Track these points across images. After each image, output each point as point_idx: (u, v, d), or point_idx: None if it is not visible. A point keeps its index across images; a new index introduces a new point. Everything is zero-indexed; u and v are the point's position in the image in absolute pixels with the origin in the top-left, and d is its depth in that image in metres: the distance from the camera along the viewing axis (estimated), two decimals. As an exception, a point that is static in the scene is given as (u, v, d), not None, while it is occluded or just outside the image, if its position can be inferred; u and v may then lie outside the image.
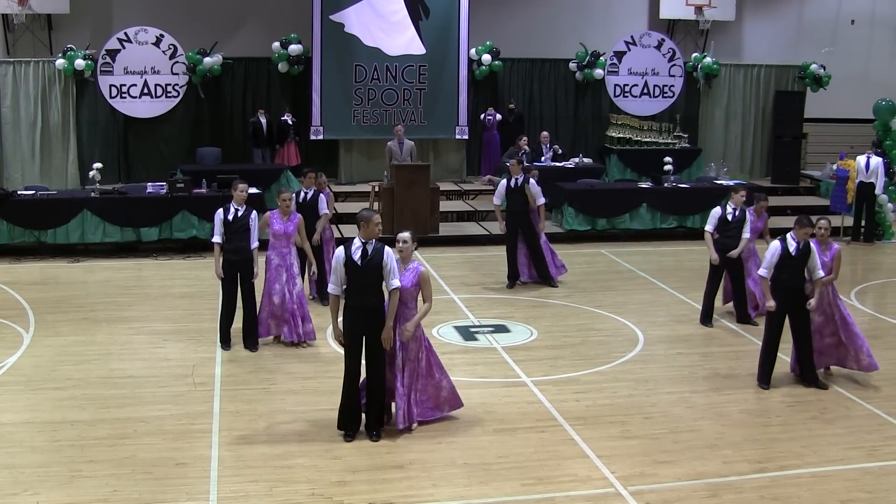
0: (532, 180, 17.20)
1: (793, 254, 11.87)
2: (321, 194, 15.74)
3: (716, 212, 14.86)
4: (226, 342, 13.45)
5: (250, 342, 13.47)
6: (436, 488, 9.25)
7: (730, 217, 14.71)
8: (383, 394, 10.54)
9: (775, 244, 12.02)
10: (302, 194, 15.65)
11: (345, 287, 10.35)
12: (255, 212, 13.67)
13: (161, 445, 10.12)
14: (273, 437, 10.43)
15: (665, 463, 9.91)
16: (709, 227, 14.80)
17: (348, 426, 10.45)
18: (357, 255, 10.21)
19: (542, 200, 17.18)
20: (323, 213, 15.52)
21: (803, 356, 12.23)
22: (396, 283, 10.30)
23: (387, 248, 10.33)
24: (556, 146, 24.65)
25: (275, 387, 12.02)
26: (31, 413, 11.05)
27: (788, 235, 12.00)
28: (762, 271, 12.14)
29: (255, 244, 13.43)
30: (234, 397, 11.58)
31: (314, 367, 12.75)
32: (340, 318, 10.48)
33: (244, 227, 13.36)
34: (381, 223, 10.48)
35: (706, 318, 15.06)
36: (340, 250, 10.30)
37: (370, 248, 10.25)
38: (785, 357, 12.48)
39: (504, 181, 17.38)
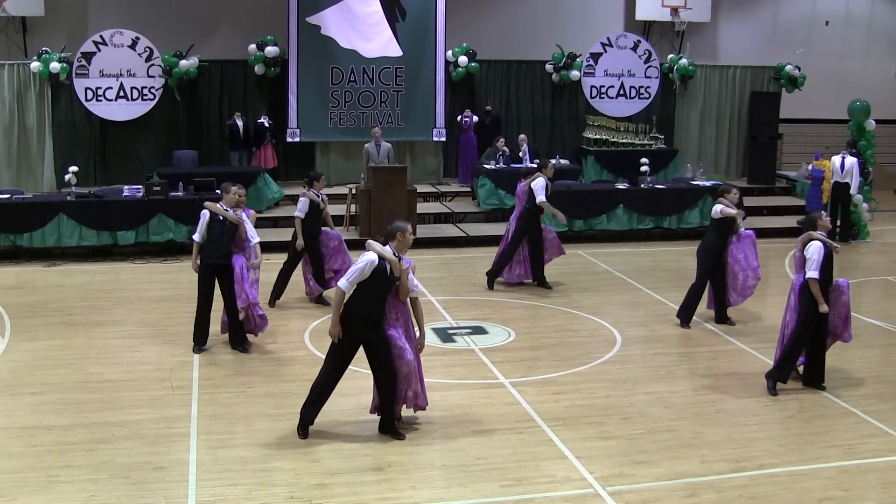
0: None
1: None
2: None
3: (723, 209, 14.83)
4: (199, 343, 13.44)
5: (237, 342, 13.46)
6: (415, 490, 9.24)
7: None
8: (395, 396, 10.51)
9: (818, 245, 11.75)
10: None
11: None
12: (246, 213, 13.78)
13: (139, 450, 10.08)
14: (251, 440, 10.40)
15: (644, 463, 9.93)
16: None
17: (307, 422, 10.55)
18: (389, 268, 10.16)
19: (541, 198, 17.11)
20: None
21: (819, 360, 12.26)
22: (419, 288, 10.46)
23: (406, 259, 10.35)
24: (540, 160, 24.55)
25: (253, 390, 11.99)
26: (7, 418, 10.98)
27: (820, 234, 11.94)
28: (814, 274, 11.70)
29: (255, 239, 13.55)
30: (211, 400, 11.56)
31: (292, 370, 12.73)
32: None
33: (229, 232, 13.27)
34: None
35: (688, 319, 15.07)
36: (374, 257, 10.09)
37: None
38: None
39: (545, 180, 17.12)
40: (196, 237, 13.36)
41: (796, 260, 12.05)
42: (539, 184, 16.97)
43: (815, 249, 11.74)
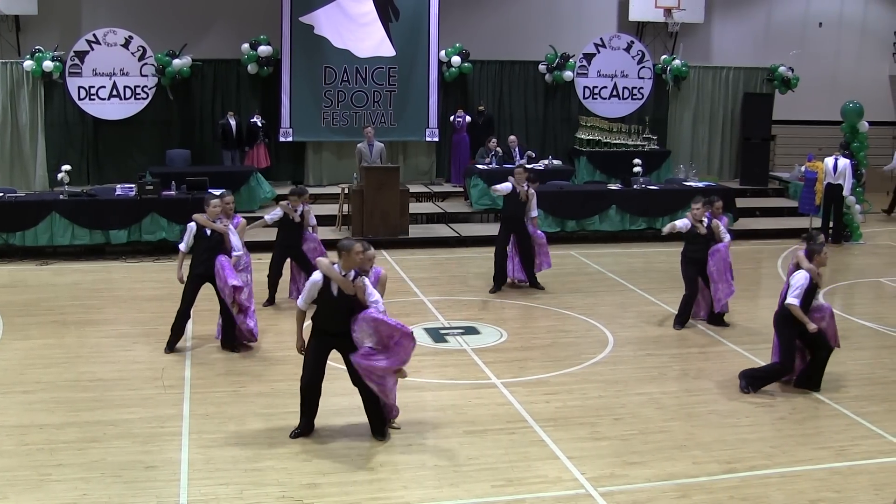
0: (532, 190, 17.16)
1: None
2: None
3: (683, 223, 14.89)
4: (171, 344, 13.42)
5: (228, 342, 13.46)
6: (406, 490, 9.24)
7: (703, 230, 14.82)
8: (376, 396, 10.47)
9: (804, 275, 11.80)
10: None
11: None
12: (235, 221, 13.77)
13: (131, 449, 10.07)
14: (243, 439, 10.40)
15: (635, 464, 9.94)
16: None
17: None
18: (334, 288, 10.14)
19: (534, 213, 17.21)
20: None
21: (818, 373, 12.30)
22: (379, 304, 10.26)
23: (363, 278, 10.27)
24: (530, 152, 24.57)
25: (244, 389, 11.99)
26: (-2, 417, 11.00)
27: (813, 266, 11.93)
28: (795, 301, 11.73)
29: (238, 251, 13.37)
30: (203, 400, 11.55)
31: (284, 370, 12.71)
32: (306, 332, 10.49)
33: (216, 244, 13.18)
34: (365, 252, 10.38)
35: (683, 323, 15.08)
36: (318, 277, 10.20)
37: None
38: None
39: (509, 184, 17.03)
40: (182, 247, 13.40)
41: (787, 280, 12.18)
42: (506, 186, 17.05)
43: (801, 277, 11.85)
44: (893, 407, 11.75)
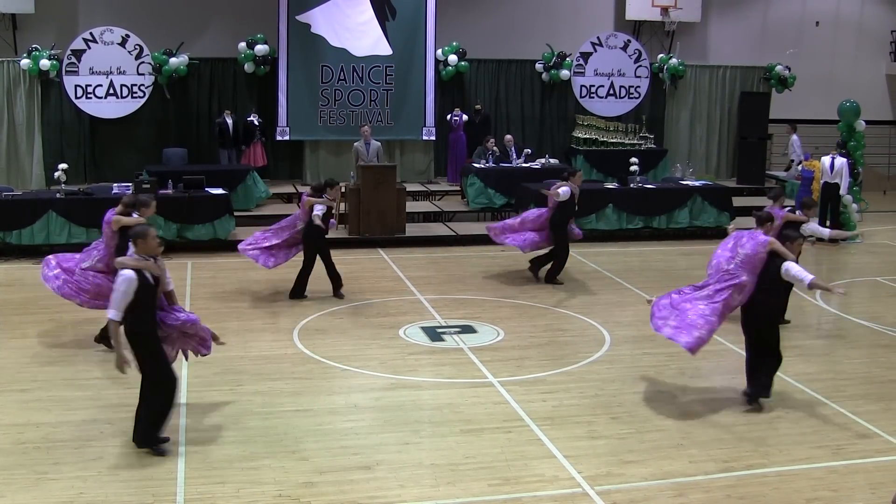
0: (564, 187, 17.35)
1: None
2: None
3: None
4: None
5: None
6: (403, 489, 9.24)
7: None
8: (161, 410, 10.12)
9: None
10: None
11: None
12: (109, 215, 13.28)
13: (127, 447, 10.05)
14: (240, 438, 10.39)
15: (632, 463, 9.94)
16: None
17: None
18: (149, 275, 9.79)
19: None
20: None
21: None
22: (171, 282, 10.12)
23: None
24: (527, 150, 24.56)
25: (241, 388, 11.97)
26: (-5, 415, 10.99)
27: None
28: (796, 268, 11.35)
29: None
30: (200, 398, 11.54)
31: (281, 368, 12.71)
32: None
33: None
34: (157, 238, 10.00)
35: None
36: (132, 274, 9.63)
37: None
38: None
39: (568, 189, 17.33)
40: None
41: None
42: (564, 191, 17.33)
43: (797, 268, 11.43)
44: (890, 406, 11.75)
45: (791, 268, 11.29)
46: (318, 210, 15.81)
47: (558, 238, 17.60)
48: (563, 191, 17.18)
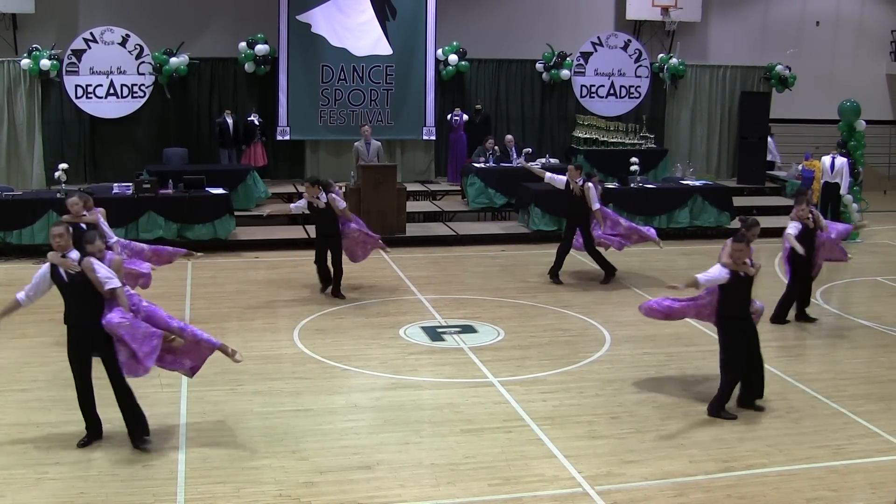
0: (590, 184, 17.39)
1: None
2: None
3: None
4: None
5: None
6: (403, 489, 9.24)
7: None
8: (133, 401, 10.25)
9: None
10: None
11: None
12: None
13: (128, 447, 10.06)
14: (240, 438, 10.39)
15: (632, 462, 9.94)
16: None
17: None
18: (62, 272, 9.85)
19: (596, 206, 17.47)
20: None
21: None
22: (114, 280, 9.89)
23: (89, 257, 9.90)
24: (527, 150, 24.52)
25: (241, 388, 11.97)
26: (-5, 415, 10.98)
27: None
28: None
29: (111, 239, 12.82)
30: (200, 398, 11.54)
31: (281, 368, 12.72)
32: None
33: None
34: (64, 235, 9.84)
35: None
36: (45, 266, 9.94)
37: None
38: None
39: (563, 178, 17.71)
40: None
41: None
42: (594, 191, 17.49)
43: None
44: (891, 406, 11.75)
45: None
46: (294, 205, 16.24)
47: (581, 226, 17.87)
48: (558, 178, 17.79)
